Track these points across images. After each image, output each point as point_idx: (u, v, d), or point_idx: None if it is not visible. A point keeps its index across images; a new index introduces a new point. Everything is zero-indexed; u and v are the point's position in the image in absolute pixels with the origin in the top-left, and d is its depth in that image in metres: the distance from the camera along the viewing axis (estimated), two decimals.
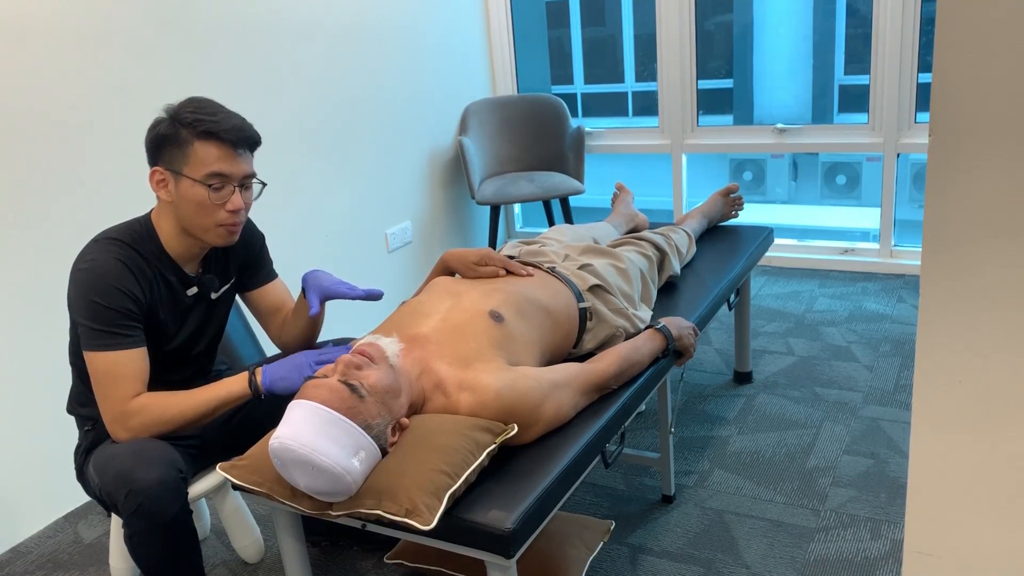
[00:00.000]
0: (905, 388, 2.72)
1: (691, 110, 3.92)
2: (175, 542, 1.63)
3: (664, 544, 2.08)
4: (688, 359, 2.02)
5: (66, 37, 2.35)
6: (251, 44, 2.92)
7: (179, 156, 1.65)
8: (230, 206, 1.69)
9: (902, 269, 3.66)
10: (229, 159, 1.66)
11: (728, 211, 2.82)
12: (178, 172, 1.66)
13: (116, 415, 1.65)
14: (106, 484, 1.62)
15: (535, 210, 4.54)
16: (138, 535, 1.60)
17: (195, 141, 1.63)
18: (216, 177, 1.66)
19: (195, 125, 1.63)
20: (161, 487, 1.58)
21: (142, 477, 1.57)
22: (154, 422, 1.66)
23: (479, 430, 1.53)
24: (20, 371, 2.32)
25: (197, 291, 1.82)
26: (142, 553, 1.63)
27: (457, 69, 4.05)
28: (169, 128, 1.65)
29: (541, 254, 2.15)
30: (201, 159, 1.64)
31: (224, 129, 1.65)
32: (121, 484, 1.58)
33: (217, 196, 1.67)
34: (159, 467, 1.59)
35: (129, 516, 1.58)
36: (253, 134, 1.71)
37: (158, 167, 1.68)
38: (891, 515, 2.11)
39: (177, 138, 1.64)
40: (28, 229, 2.30)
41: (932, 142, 0.85)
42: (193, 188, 1.65)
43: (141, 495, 1.56)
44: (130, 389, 1.66)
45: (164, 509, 1.58)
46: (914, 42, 3.42)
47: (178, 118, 1.65)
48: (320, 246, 3.28)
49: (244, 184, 1.71)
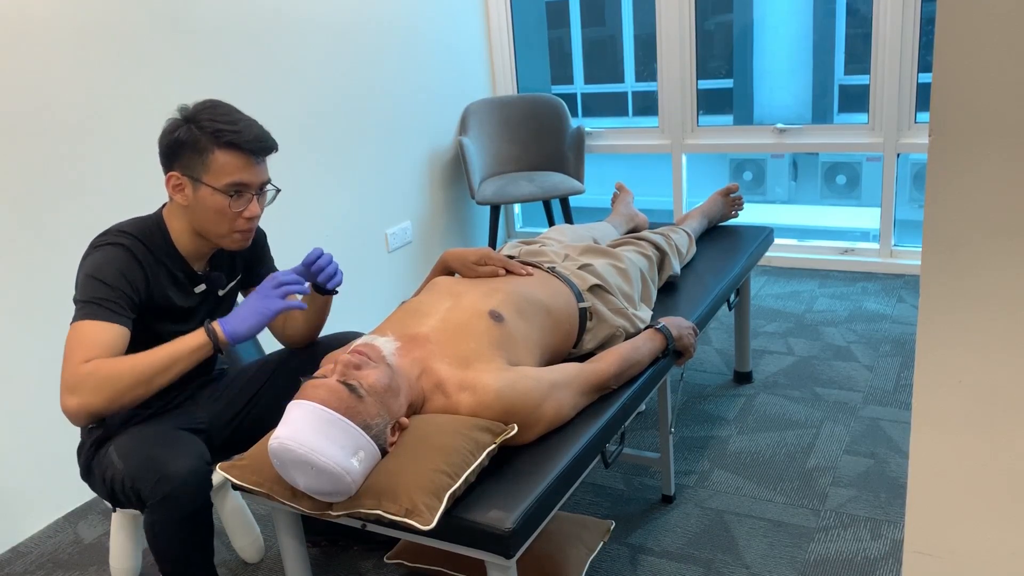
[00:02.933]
0: (905, 388, 2.72)
1: (691, 110, 3.92)
2: (195, 533, 1.63)
3: (664, 544, 2.08)
4: (688, 359, 2.02)
5: (66, 37, 2.35)
6: (251, 44, 2.92)
7: (198, 163, 1.66)
8: (247, 214, 1.71)
9: (902, 269, 3.66)
10: (249, 168, 1.69)
11: (728, 211, 2.82)
12: (197, 179, 1.67)
13: (67, 380, 1.56)
14: (132, 469, 1.60)
15: (535, 210, 4.54)
16: (160, 523, 1.59)
17: (216, 150, 1.65)
18: (237, 186, 1.68)
19: (218, 135, 1.64)
20: (192, 477, 1.58)
21: (174, 465, 1.57)
22: (107, 381, 1.56)
23: (479, 430, 1.53)
24: (20, 371, 2.32)
25: (205, 288, 1.82)
26: (162, 542, 1.62)
27: (457, 69, 4.05)
28: (187, 134, 1.65)
29: (541, 254, 2.15)
30: (222, 167, 1.66)
31: (246, 140, 1.67)
32: (151, 471, 1.57)
33: (236, 204, 1.69)
34: (190, 457, 1.59)
35: (155, 503, 1.57)
36: (272, 143, 1.73)
37: (175, 172, 1.68)
38: (891, 515, 2.11)
39: (197, 145, 1.65)
40: (30, 229, 2.30)
41: (932, 142, 0.85)
42: (213, 196, 1.67)
43: (171, 483, 1.56)
44: (92, 355, 1.57)
45: (191, 500, 1.58)
46: (914, 42, 3.42)
47: (197, 124, 1.66)
48: (320, 246, 3.28)
49: (260, 192, 1.74)
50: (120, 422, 1.78)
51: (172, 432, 1.67)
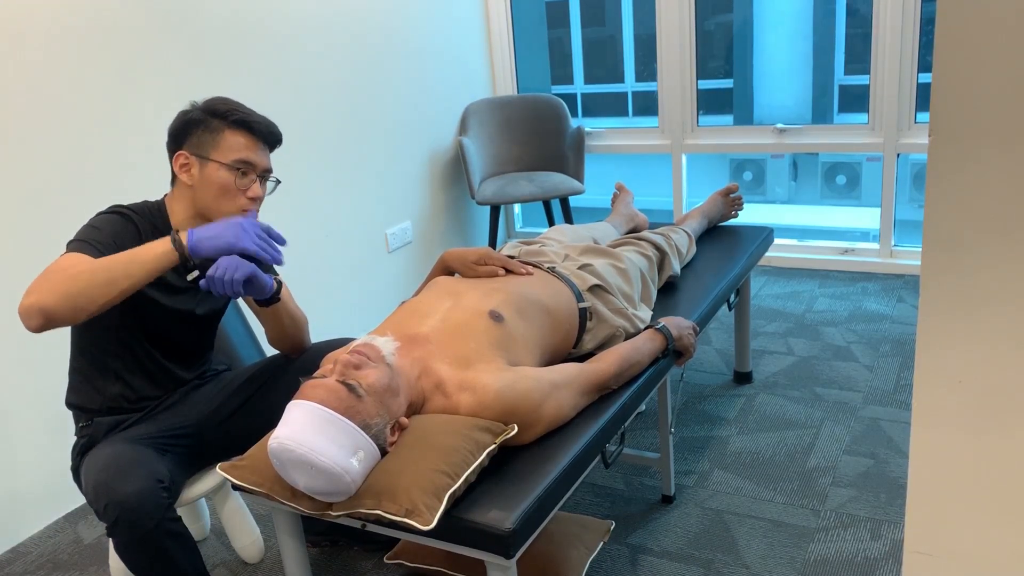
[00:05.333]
0: (905, 388, 2.72)
1: (691, 110, 3.92)
2: (163, 549, 1.63)
3: (664, 544, 2.08)
4: (688, 359, 2.02)
5: (67, 38, 2.35)
6: (251, 44, 2.92)
7: (208, 141, 1.73)
8: (251, 193, 1.77)
9: (902, 269, 3.66)
10: (256, 149, 1.77)
11: (728, 211, 2.82)
12: (205, 157, 1.73)
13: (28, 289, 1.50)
14: (89, 493, 1.63)
15: (535, 210, 4.54)
16: (120, 544, 1.62)
17: (227, 129, 1.74)
18: (244, 164, 1.75)
19: (228, 115, 1.74)
20: (138, 498, 1.58)
21: (119, 488, 1.58)
22: (62, 277, 1.49)
23: (479, 430, 1.53)
24: (21, 371, 2.32)
25: (197, 275, 1.83)
26: (132, 562, 1.64)
27: (457, 69, 4.05)
28: (200, 115, 1.75)
29: (541, 254, 2.15)
30: (231, 145, 1.74)
31: (256, 121, 1.77)
32: (100, 496, 1.59)
33: (242, 182, 1.75)
34: (137, 478, 1.60)
35: (110, 527, 1.59)
36: (279, 134, 1.83)
37: (183, 151, 1.75)
38: (891, 515, 2.11)
39: (208, 125, 1.74)
40: (31, 229, 2.30)
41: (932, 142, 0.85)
42: (219, 172, 1.73)
43: (119, 507, 1.57)
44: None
45: (143, 520, 1.58)
46: (914, 42, 3.42)
47: (209, 109, 1.75)
48: (320, 246, 3.28)
49: (263, 178, 1.80)
50: (106, 428, 1.79)
51: (130, 452, 1.67)
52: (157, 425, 1.82)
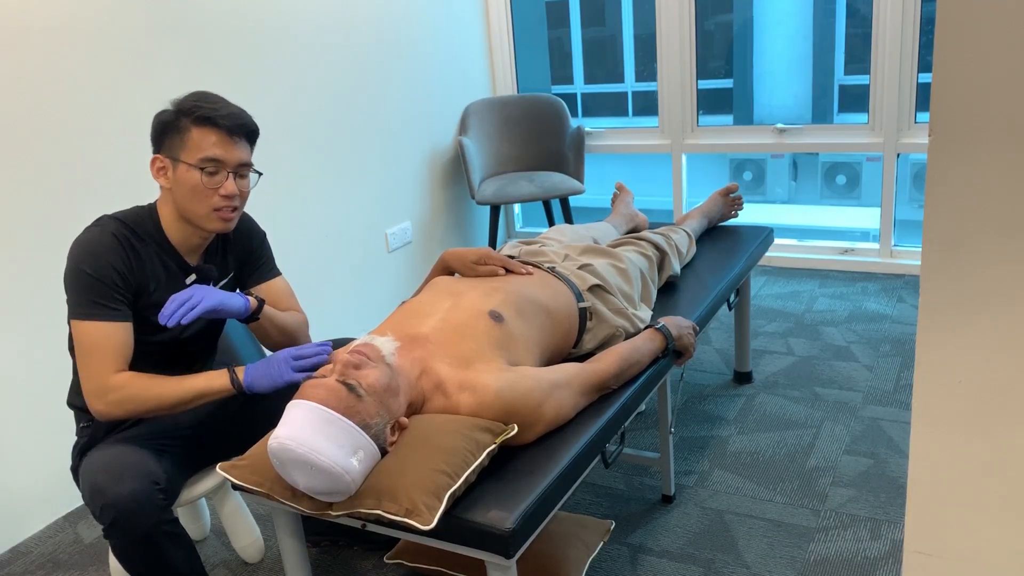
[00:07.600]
0: (905, 388, 2.72)
1: (691, 110, 3.92)
2: (160, 551, 1.63)
3: (664, 544, 2.08)
4: (688, 359, 2.02)
5: (67, 38, 2.35)
6: (251, 44, 2.92)
7: (178, 142, 1.69)
8: (223, 191, 1.71)
9: (902, 269, 3.66)
10: (224, 144, 1.70)
11: (728, 211, 2.82)
12: (176, 158, 1.70)
13: (95, 388, 1.64)
14: (85, 497, 1.64)
15: (535, 210, 4.54)
16: (116, 547, 1.63)
17: (192, 127, 1.68)
18: (210, 162, 1.69)
19: (193, 112, 1.68)
20: (133, 501, 1.58)
21: (113, 491, 1.58)
22: (131, 400, 1.64)
23: (479, 430, 1.53)
24: (21, 371, 2.32)
25: (196, 279, 1.83)
26: (129, 563, 1.65)
27: (457, 69, 4.05)
28: (171, 116, 1.70)
29: (541, 254, 2.15)
30: (197, 144, 1.68)
31: (220, 115, 1.69)
32: (95, 498, 1.60)
33: (211, 181, 1.69)
34: (131, 480, 1.60)
35: (106, 529, 1.60)
36: (250, 123, 1.74)
37: (159, 155, 1.72)
38: (891, 515, 2.11)
39: (177, 125, 1.69)
40: (31, 228, 2.30)
41: (932, 142, 0.85)
42: (188, 173, 1.68)
43: (114, 509, 1.57)
44: (111, 363, 1.65)
45: (138, 522, 1.59)
46: (914, 42, 3.42)
47: (178, 107, 1.70)
48: (320, 246, 3.28)
49: (240, 172, 1.74)
50: (106, 428, 1.79)
51: (127, 453, 1.67)
52: (157, 425, 1.82)
